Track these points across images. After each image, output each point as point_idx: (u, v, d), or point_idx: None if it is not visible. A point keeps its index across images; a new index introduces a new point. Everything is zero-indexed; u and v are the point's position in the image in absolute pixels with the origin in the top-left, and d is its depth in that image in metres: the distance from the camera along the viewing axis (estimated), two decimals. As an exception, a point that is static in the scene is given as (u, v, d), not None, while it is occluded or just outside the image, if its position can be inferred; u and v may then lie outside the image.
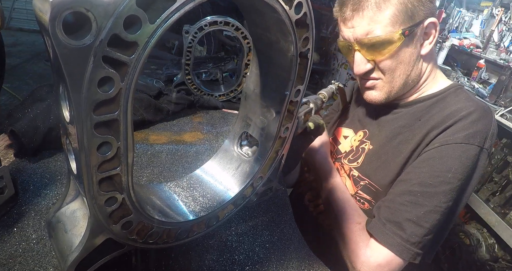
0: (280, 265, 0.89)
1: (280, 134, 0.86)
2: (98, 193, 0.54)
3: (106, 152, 0.51)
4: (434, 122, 0.97)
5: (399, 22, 0.92)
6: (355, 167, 1.12)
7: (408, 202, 0.89)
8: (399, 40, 0.93)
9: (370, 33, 0.94)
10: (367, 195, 1.07)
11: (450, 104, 1.00)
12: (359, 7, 0.93)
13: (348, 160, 1.16)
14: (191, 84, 1.86)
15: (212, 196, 0.87)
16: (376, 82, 1.04)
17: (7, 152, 1.08)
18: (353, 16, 0.95)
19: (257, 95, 0.86)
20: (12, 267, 0.72)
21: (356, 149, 1.15)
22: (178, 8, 0.45)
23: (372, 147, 1.10)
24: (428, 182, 0.88)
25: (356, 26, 0.95)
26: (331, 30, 6.02)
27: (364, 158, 1.10)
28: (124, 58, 0.44)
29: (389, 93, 1.05)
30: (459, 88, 1.05)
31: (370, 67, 1.01)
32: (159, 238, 0.73)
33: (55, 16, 0.37)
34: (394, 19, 0.92)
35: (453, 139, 0.90)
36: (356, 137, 1.19)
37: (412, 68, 1.01)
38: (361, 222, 0.97)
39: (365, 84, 1.07)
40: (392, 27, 0.92)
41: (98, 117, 0.46)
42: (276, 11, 0.61)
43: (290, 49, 0.70)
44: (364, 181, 1.08)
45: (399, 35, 0.92)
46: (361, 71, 1.01)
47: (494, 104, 2.79)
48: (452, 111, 0.95)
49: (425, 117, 1.01)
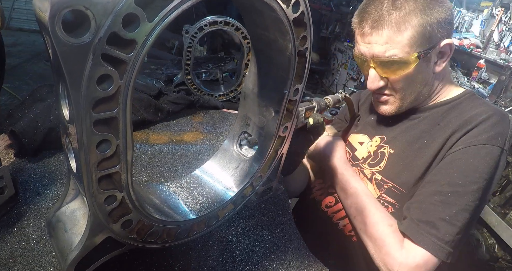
0: (280, 265, 0.89)
1: (279, 133, 0.86)
2: (98, 191, 0.54)
3: (106, 150, 0.51)
4: (454, 126, 0.99)
5: (416, 45, 0.94)
6: (378, 171, 1.13)
7: (439, 202, 0.91)
8: (414, 62, 0.95)
9: (387, 52, 0.95)
10: (391, 198, 1.07)
11: (467, 109, 1.03)
12: (379, 25, 0.94)
13: (369, 164, 1.16)
14: (191, 84, 1.87)
15: (212, 195, 0.87)
16: (387, 98, 1.08)
17: (7, 152, 1.08)
18: (372, 33, 0.96)
19: (256, 95, 0.86)
20: (12, 267, 0.72)
21: (374, 154, 1.17)
22: (175, 6, 0.46)
23: (393, 151, 1.12)
24: (458, 182, 0.90)
25: (374, 43, 0.97)
26: (331, 30, 6.02)
27: (386, 162, 1.12)
28: (122, 56, 0.44)
29: (399, 108, 1.09)
30: (472, 94, 1.09)
31: (383, 84, 1.04)
32: (159, 237, 0.73)
33: (55, 14, 0.37)
34: (412, 41, 0.93)
35: (477, 140, 0.93)
36: (372, 142, 1.20)
37: (424, 86, 1.04)
38: (392, 224, 0.98)
39: (377, 99, 1.12)
40: (409, 48, 0.94)
41: (97, 115, 0.46)
42: (274, 10, 0.61)
43: (288, 48, 0.70)
44: (388, 184, 1.08)
45: (414, 57, 0.94)
46: (374, 87, 1.05)
47: (494, 104, 2.79)
48: (472, 115, 0.98)
49: (443, 122, 1.03)
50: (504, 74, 2.83)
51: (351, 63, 5.49)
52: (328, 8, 5.96)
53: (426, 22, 0.92)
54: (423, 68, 0.99)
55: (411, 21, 0.92)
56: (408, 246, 0.91)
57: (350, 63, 5.51)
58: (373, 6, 0.97)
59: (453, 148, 0.97)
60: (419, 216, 0.92)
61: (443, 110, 1.07)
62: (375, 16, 0.95)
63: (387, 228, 0.97)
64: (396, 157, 1.10)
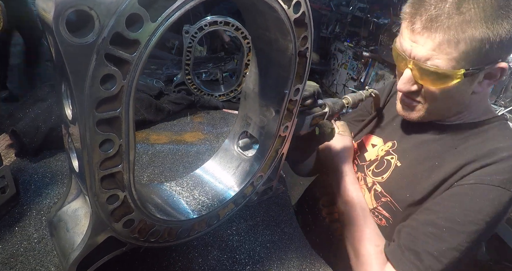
0: (281, 265, 0.89)
1: (279, 132, 0.86)
2: (100, 190, 0.54)
3: (108, 150, 0.51)
4: (471, 155, 0.91)
5: (467, 61, 0.81)
6: (379, 182, 1.08)
7: (431, 234, 0.86)
8: (458, 78, 0.83)
9: (431, 60, 0.84)
10: (386, 212, 1.04)
11: (490, 139, 0.93)
12: (434, 26, 0.81)
13: (372, 172, 1.11)
14: (191, 84, 1.87)
15: (213, 195, 0.88)
16: (415, 104, 0.98)
17: (8, 151, 1.09)
18: (423, 33, 0.83)
19: (256, 94, 0.87)
20: (13, 266, 0.72)
21: (380, 159, 1.11)
22: (179, 6, 0.46)
23: (400, 164, 1.05)
24: (456, 219, 0.84)
25: (420, 45, 0.84)
26: (331, 30, 6.02)
27: (390, 174, 1.06)
28: (126, 56, 0.44)
29: (422, 117, 1.00)
30: (503, 122, 0.98)
31: (416, 89, 0.94)
32: (160, 236, 0.73)
33: (59, 14, 0.37)
34: (464, 56, 0.81)
35: (490, 180, 0.85)
36: (384, 147, 1.14)
37: (457, 104, 0.95)
38: (379, 245, 0.94)
39: (405, 103, 1.02)
40: (457, 63, 0.82)
41: (101, 114, 0.47)
42: (275, 10, 0.61)
43: (289, 48, 0.71)
44: (386, 198, 1.04)
45: (460, 74, 0.82)
46: (405, 90, 0.95)
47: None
48: (494, 149, 0.89)
49: (461, 146, 0.95)
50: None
51: (351, 63, 5.49)
52: (328, 8, 5.96)
53: (487, 39, 0.78)
54: (465, 86, 0.88)
55: (471, 33, 0.78)
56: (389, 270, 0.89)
57: (350, 63, 5.51)
58: (434, 1, 0.82)
59: (463, 180, 0.88)
60: (407, 243, 0.88)
61: (464, 134, 0.97)
62: (432, 15, 0.81)
63: (373, 248, 0.94)
64: (401, 172, 1.04)
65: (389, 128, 1.17)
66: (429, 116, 0.99)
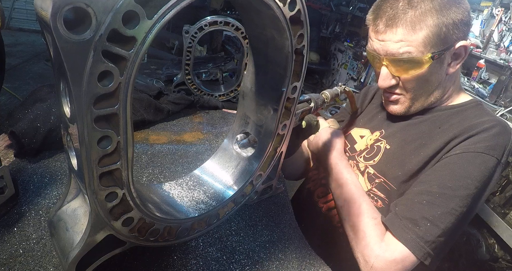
0: (280, 265, 0.89)
1: (278, 131, 0.86)
2: (99, 188, 0.54)
3: (106, 146, 0.51)
4: (455, 131, 0.99)
5: (431, 45, 0.93)
6: (371, 165, 1.13)
7: (426, 201, 0.90)
8: (427, 62, 0.94)
9: (401, 49, 0.94)
10: (381, 193, 1.08)
11: (470, 116, 1.03)
12: (394, 23, 0.93)
13: (364, 158, 1.17)
14: (191, 84, 1.87)
15: (212, 194, 0.87)
16: (398, 97, 1.08)
17: (7, 152, 1.09)
18: (386, 31, 0.95)
19: (254, 93, 0.87)
20: (12, 267, 0.72)
21: (371, 147, 1.17)
22: (174, 4, 0.46)
23: (389, 147, 1.12)
24: (448, 184, 0.90)
25: (387, 41, 0.96)
26: (331, 30, 6.03)
27: (381, 156, 1.12)
28: (123, 53, 0.45)
29: (409, 108, 1.09)
30: (479, 103, 1.08)
31: (395, 83, 1.04)
32: (160, 235, 0.73)
33: (56, 11, 0.38)
34: (427, 41, 0.92)
35: (475, 148, 0.93)
36: (372, 136, 1.21)
37: (435, 88, 1.04)
38: (376, 217, 0.97)
39: (388, 98, 1.11)
40: (423, 48, 0.93)
41: (98, 111, 0.47)
42: (271, 8, 0.62)
43: (286, 46, 0.71)
44: (380, 179, 1.09)
45: (428, 58, 0.93)
46: (385, 85, 1.04)
47: (494, 104, 2.79)
48: (475, 123, 0.98)
49: (445, 126, 1.03)
50: (504, 74, 2.83)
51: (351, 63, 5.49)
52: (328, 8, 5.97)
53: (442, 23, 0.91)
54: (436, 69, 0.98)
55: (427, 21, 0.91)
56: (388, 240, 0.91)
57: (350, 63, 5.51)
58: (389, 4, 0.96)
59: (451, 151, 0.96)
60: (403, 212, 0.92)
61: (446, 114, 1.07)
62: (390, 14, 0.94)
63: (370, 220, 0.96)
64: (391, 153, 1.10)
65: (375, 120, 1.26)
66: (414, 106, 1.08)
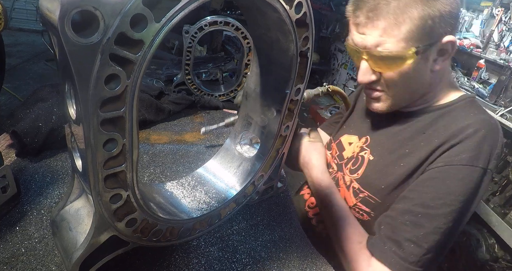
0: (282, 264, 0.90)
1: (280, 132, 0.87)
2: (104, 190, 0.55)
3: (112, 149, 0.51)
4: (440, 138, 0.93)
5: (414, 39, 0.85)
6: (356, 179, 1.09)
7: (409, 222, 0.88)
8: (410, 58, 0.87)
9: (381, 45, 0.87)
10: (366, 207, 1.05)
11: (456, 118, 0.95)
12: (375, 15, 0.85)
13: (349, 170, 1.13)
14: (191, 84, 1.87)
15: (214, 194, 0.88)
16: (380, 94, 1.00)
17: (9, 151, 1.09)
18: (367, 24, 0.87)
19: (258, 94, 0.87)
20: (14, 266, 0.72)
21: (356, 156, 1.13)
22: (182, 7, 0.46)
23: (372, 158, 1.07)
24: (430, 204, 0.87)
25: (368, 35, 0.88)
26: (331, 30, 6.02)
27: (365, 169, 1.07)
28: (130, 56, 0.45)
29: (392, 106, 1.01)
30: (469, 100, 0.99)
31: (375, 78, 0.96)
32: (162, 236, 0.74)
33: (64, 14, 0.38)
34: (410, 35, 0.84)
35: (458, 159, 0.88)
36: (359, 143, 1.15)
37: (419, 85, 0.97)
38: (362, 242, 0.95)
39: (369, 95, 1.04)
40: (406, 43, 0.85)
41: (105, 114, 0.47)
42: (277, 10, 0.62)
43: (291, 48, 0.71)
44: (364, 193, 1.05)
45: (411, 53, 0.86)
46: (364, 81, 0.97)
47: (494, 104, 2.79)
48: (459, 128, 0.92)
49: (430, 130, 0.97)
50: (504, 74, 2.83)
51: (351, 63, 5.49)
52: (328, 8, 5.96)
53: (427, 15, 0.83)
54: (420, 65, 0.90)
55: (411, 13, 0.83)
56: (374, 264, 0.90)
57: (350, 63, 5.51)
58: None
59: (433, 163, 0.91)
60: (388, 234, 0.91)
61: (432, 117, 0.99)
62: (371, 5, 0.86)
63: (356, 245, 0.95)
64: (374, 165, 1.05)
65: (363, 125, 1.19)
66: (396, 103, 1.01)
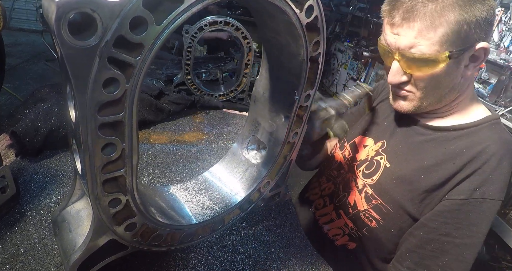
0: (281, 264, 0.90)
1: (288, 139, 0.84)
2: (102, 193, 0.54)
3: (111, 153, 0.50)
4: (460, 159, 0.93)
5: (449, 43, 0.85)
6: (370, 184, 1.08)
7: (436, 249, 0.92)
8: (443, 61, 0.87)
9: (415, 47, 0.87)
10: (376, 214, 1.05)
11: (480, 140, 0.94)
12: (411, 16, 0.85)
13: (363, 173, 1.12)
14: (191, 84, 1.86)
15: (219, 200, 0.86)
16: (407, 94, 0.99)
17: (8, 151, 1.08)
18: (402, 24, 0.87)
19: (266, 99, 0.84)
20: (14, 266, 0.72)
21: (370, 160, 1.11)
22: (185, 9, 0.45)
23: (389, 165, 1.06)
24: (454, 234, 0.90)
25: (402, 35, 0.88)
26: (331, 30, 6.00)
27: (380, 175, 1.06)
28: (129, 60, 0.43)
29: (417, 107, 1.00)
30: (495, 122, 0.99)
31: (406, 79, 0.96)
32: (163, 240, 0.73)
33: (61, 16, 0.36)
34: (445, 39, 0.84)
35: (480, 193, 0.89)
36: (374, 147, 1.14)
37: (448, 90, 0.96)
38: None
39: (396, 93, 1.02)
40: (440, 47, 0.85)
41: (103, 118, 0.46)
42: (287, 14, 0.59)
43: (301, 53, 0.68)
44: (377, 201, 1.04)
45: (445, 57, 0.86)
46: (395, 81, 0.97)
47: (494, 104, 2.79)
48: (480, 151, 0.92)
49: (450, 148, 0.96)
50: (504, 74, 2.82)
51: (351, 63, 5.47)
52: (328, 8, 5.93)
53: (464, 20, 0.82)
54: (452, 69, 0.89)
55: (447, 17, 0.82)
56: None
57: (350, 63, 5.49)
58: None
59: (454, 192, 0.92)
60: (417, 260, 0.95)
61: (455, 135, 0.98)
62: (408, 6, 0.85)
63: None
64: (391, 172, 1.04)
65: (380, 128, 1.18)
66: (422, 106, 1.00)
